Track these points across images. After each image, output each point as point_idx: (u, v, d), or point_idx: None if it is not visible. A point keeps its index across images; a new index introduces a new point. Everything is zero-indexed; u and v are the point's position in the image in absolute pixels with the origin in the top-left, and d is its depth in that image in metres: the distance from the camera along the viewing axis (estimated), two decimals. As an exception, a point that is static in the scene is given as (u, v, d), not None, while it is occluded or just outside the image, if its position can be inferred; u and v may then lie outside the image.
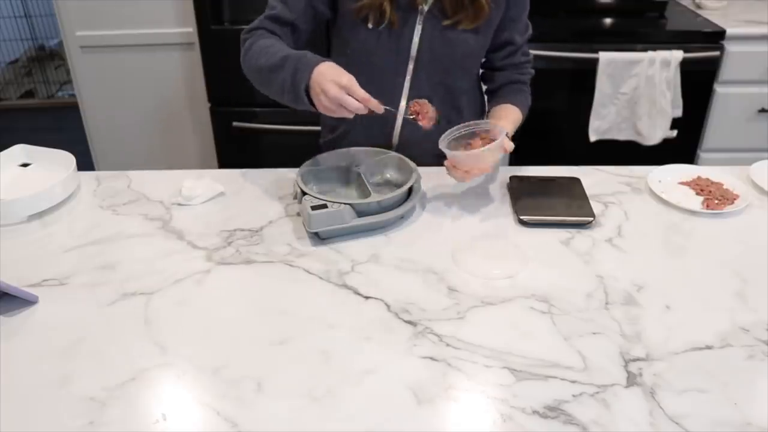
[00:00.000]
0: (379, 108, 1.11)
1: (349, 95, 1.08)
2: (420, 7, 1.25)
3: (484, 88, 1.47)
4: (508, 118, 1.33)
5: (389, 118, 1.33)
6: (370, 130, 1.36)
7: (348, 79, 1.09)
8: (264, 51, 1.22)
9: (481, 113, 1.48)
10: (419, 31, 1.27)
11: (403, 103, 1.34)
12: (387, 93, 1.31)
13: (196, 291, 1.01)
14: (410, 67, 1.31)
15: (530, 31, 1.40)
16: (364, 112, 1.10)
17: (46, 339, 0.91)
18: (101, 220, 1.19)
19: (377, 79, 1.29)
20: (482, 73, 1.45)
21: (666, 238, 1.15)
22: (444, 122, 1.37)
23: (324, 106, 1.11)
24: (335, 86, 1.08)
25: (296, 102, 1.16)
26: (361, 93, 1.09)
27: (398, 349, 0.88)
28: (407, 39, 1.28)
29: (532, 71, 1.44)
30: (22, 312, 0.96)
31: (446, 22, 1.26)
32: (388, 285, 1.01)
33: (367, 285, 1.01)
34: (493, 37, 1.34)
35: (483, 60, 1.41)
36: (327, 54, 1.27)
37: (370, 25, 1.25)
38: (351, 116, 1.11)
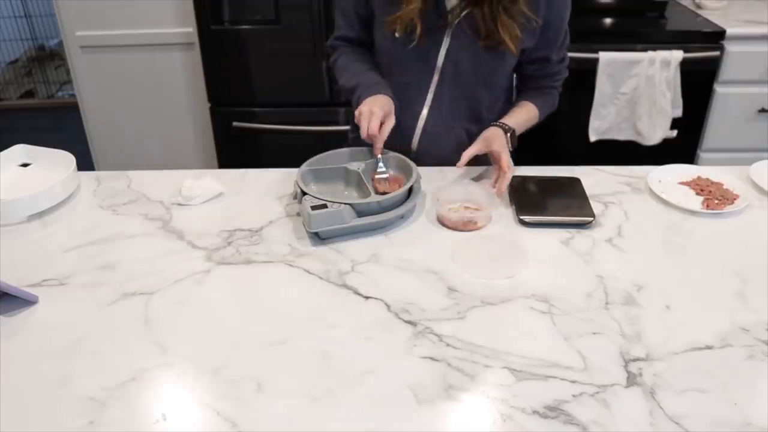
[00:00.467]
0: (375, 151, 1.24)
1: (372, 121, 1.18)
2: (450, 20, 1.26)
3: (515, 83, 1.46)
4: (516, 116, 1.35)
5: (409, 125, 1.36)
6: (390, 136, 1.34)
7: (382, 111, 1.20)
8: (344, 71, 1.38)
9: None
10: (447, 44, 1.28)
11: (424, 112, 1.36)
12: (411, 102, 1.35)
13: (196, 291, 1.01)
14: (435, 78, 1.32)
15: (567, 42, 1.38)
16: (365, 136, 1.21)
17: (46, 339, 0.91)
18: (101, 220, 1.19)
19: (403, 88, 1.32)
20: (516, 76, 1.44)
21: (666, 238, 1.15)
22: (463, 133, 1.39)
23: (358, 112, 1.22)
24: (373, 108, 1.20)
25: None
26: (375, 125, 1.19)
27: (398, 349, 0.88)
28: (434, 52, 1.29)
29: (566, 73, 1.44)
30: (22, 312, 0.96)
31: (479, 43, 1.26)
32: (388, 285, 1.01)
33: (367, 285, 1.01)
34: (527, 52, 1.34)
35: (517, 65, 1.39)
36: None
37: (396, 34, 1.27)
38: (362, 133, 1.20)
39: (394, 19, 1.25)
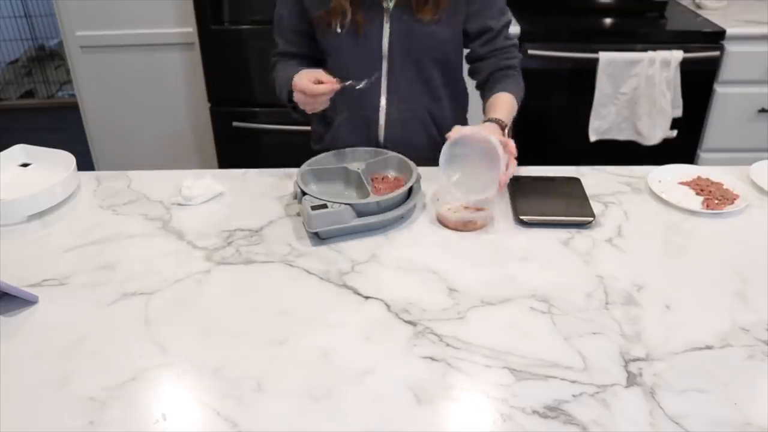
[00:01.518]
0: (337, 84, 1.20)
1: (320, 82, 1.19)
2: (385, 5, 1.27)
3: (474, 83, 1.44)
4: (501, 108, 1.29)
5: (373, 119, 1.37)
6: (355, 135, 1.38)
7: (313, 72, 1.21)
8: (276, 80, 1.37)
9: (464, 108, 1.50)
10: (387, 30, 1.29)
11: (383, 102, 1.36)
12: (368, 95, 1.34)
13: (196, 291, 1.01)
14: (384, 65, 1.33)
15: (508, 16, 1.37)
16: (331, 94, 1.20)
17: (46, 339, 0.91)
18: (101, 220, 1.20)
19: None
20: (469, 68, 1.43)
21: (666, 238, 1.15)
22: (426, 115, 1.40)
23: (302, 102, 1.23)
24: (302, 78, 1.20)
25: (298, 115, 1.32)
26: (327, 77, 1.20)
27: (398, 349, 0.88)
28: (377, 39, 1.30)
29: (519, 55, 1.40)
30: (22, 312, 0.96)
31: (414, 16, 1.27)
32: (388, 285, 1.01)
33: (367, 285, 1.01)
34: (467, 27, 1.34)
35: (467, 52, 1.40)
36: None
37: (338, 30, 1.28)
38: (326, 103, 1.22)
39: (324, 13, 1.27)
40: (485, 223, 1.17)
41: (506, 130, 1.25)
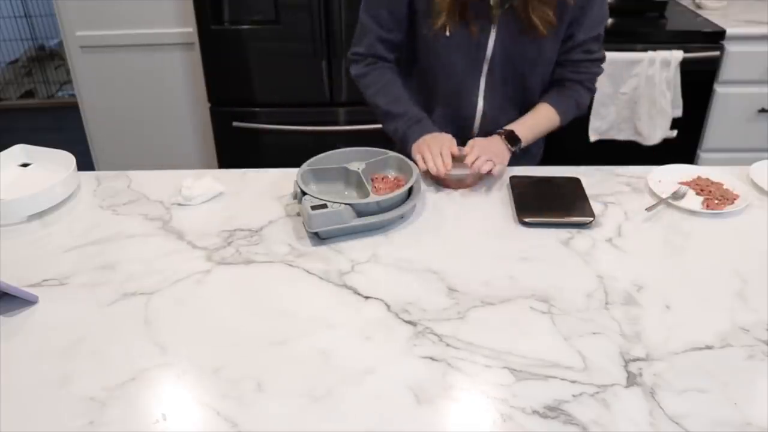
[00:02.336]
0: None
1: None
2: (494, 12, 1.29)
3: None
4: (528, 118, 1.39)
5: (468, 116, 1.41)
6: (449, 131, 1.39)
7: (446, 149, 1.26)
8: (384, 91, 1.40)
9: None
10: (494, 35, 1.31)
11: (480, 101, 1.39)
12: (465, 92, 1.39)
13: (196, 291, 1.01)
14: (485, 68, 1.36)
15: (599, 30, 1.37)
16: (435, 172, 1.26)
17: (46, 339, 0.91)
18: (101, 220, 1.20)
19: (456, 79, 1.37)
20: None
21: (666, 238, 1.15)
22: (516, 114, 1.43)
23: (421, 156, 1.28)
24: (442, 149, 1.26)
25: (400, 144, 1.39)
26: (447, 163, 1.25)
27: (398, 349, 0.88)
28: (483, 43, 1.32)
29: (596, 70, 1.43)
30: (22, 312, 0.96)
31: (522, 28, 1.29)
32: (388, 285, 1.01)
33: (367, 285, 1.01)
34: (570, 41, 1.37)
35: None
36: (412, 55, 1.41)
37: (447, 33, 1.30)
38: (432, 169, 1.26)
39: (438, 18, 1.28)
40: (475, 181, 1.25)
41: (504, 137, 1.34)
